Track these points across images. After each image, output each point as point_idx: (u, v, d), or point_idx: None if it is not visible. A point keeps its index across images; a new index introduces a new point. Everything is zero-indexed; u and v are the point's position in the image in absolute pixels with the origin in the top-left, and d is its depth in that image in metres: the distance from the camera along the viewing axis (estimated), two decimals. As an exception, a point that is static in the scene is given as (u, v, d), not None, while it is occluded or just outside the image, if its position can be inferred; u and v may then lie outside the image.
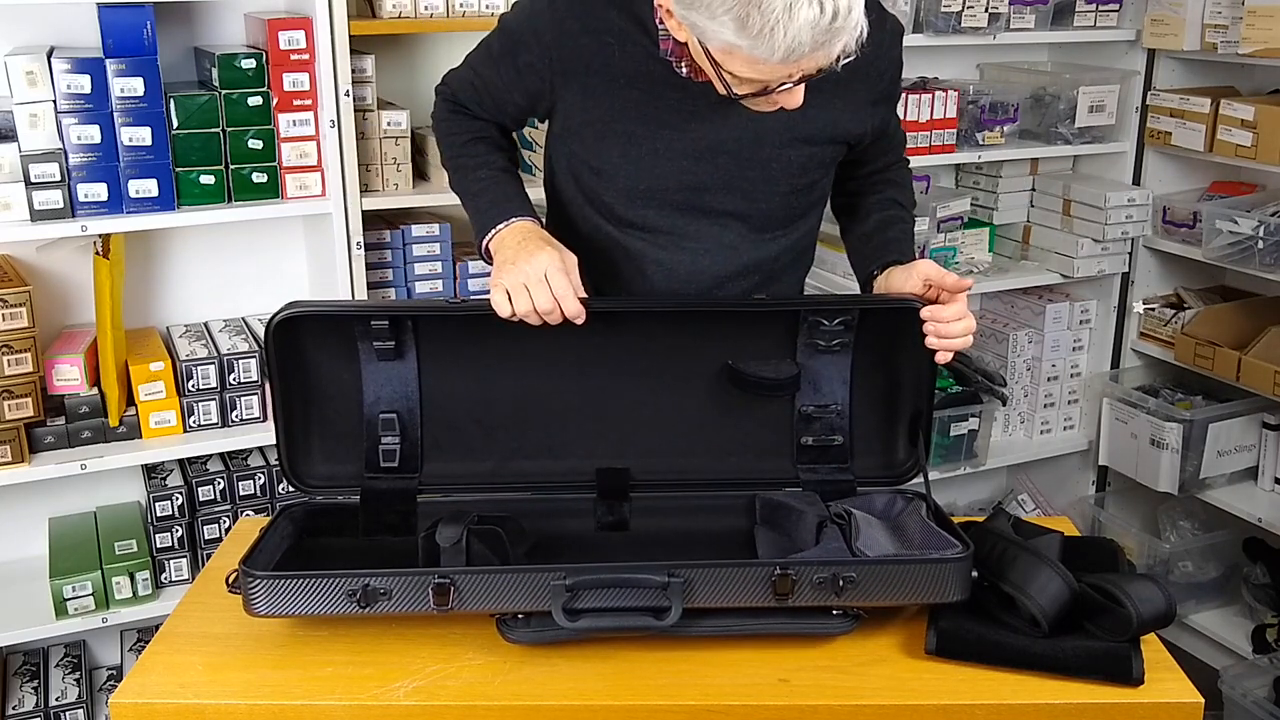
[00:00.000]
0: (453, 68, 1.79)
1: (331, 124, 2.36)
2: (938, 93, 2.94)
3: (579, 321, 1.54)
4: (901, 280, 1.64)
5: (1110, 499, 3.43)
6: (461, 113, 1.77)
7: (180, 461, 2.59)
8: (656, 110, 1.60)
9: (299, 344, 1.64)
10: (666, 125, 1.62)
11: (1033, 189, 3.32)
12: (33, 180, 2.21)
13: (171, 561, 2.52)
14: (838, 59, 1.40)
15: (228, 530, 2.41)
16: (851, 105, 1.68)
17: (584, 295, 1.55)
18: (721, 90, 1.47)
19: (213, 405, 2.47)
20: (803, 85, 1.45)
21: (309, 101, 2.37)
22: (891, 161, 1.85)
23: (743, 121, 1.62)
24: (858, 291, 1.80)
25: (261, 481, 2.58)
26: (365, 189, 2.47)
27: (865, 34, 1.39)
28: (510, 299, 1.52)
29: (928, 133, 2.95)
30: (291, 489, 1.75)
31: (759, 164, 1.67)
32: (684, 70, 1.59)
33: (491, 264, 1.61)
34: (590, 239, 1.73)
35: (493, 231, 1.63)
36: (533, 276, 1.52)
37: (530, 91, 1.68)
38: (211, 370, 2.45)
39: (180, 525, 2.51)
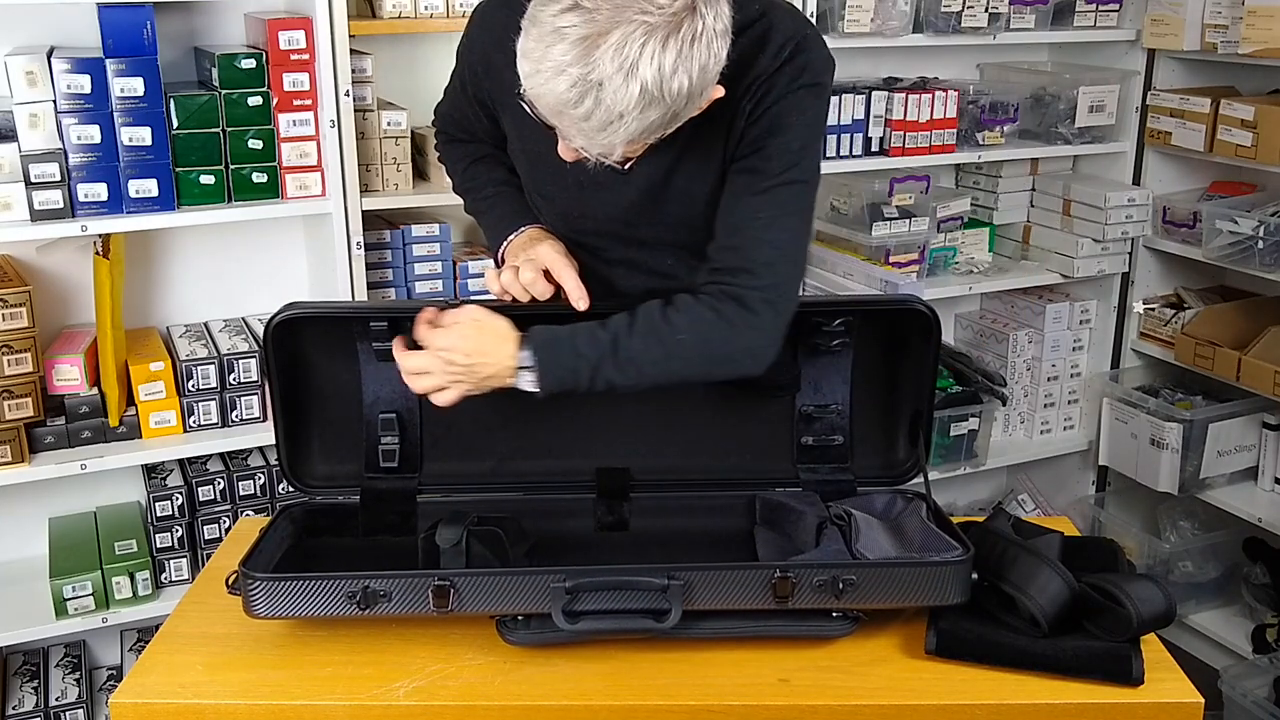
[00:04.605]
0: (439, 101, 1.81)
1: (331, 124, 2.36)
2: (938, 93, 2.94)
3: (580, 302, 1.55)
4: None
5: (1110, 499, 3.43)
6: (455, 141, 1.79)
7: (180, 461, 2.59)
8: None
9: (298, 345, 1.64)
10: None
11: (1033, 189, 3.32)
12: (33, 180, 2.21)
13: (171, 561, 2.52)
14: (625, 157, 1.39)
15: (228, 530, 2.41)
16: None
17: (583, 295, 1.56)
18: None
19: (213, 405, 2.47)
20: (568, 144, 1.40)
21: (309, 101, 2.37)
22: (714, 270, 1.50)
23: (653, 158, 1.53)
24: (858, 292, 1.80)
25: (261, 481, 2.58)
26: (365, 189, 2.47)
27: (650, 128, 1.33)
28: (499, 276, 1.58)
29: (928, 133, 2.95)
30: (291, 489, 1.75)
31: (674, 198, 1.57)
32: None
33: None
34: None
35: (505, 244, 1.67)
36: (522, 258, 1.58)
37: (490, 117, 1.68)
38: (211, 370, 2.45)
39: (180, 525, 2.51)
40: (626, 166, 1.49)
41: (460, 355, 1.48)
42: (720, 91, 1.38)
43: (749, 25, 1.43)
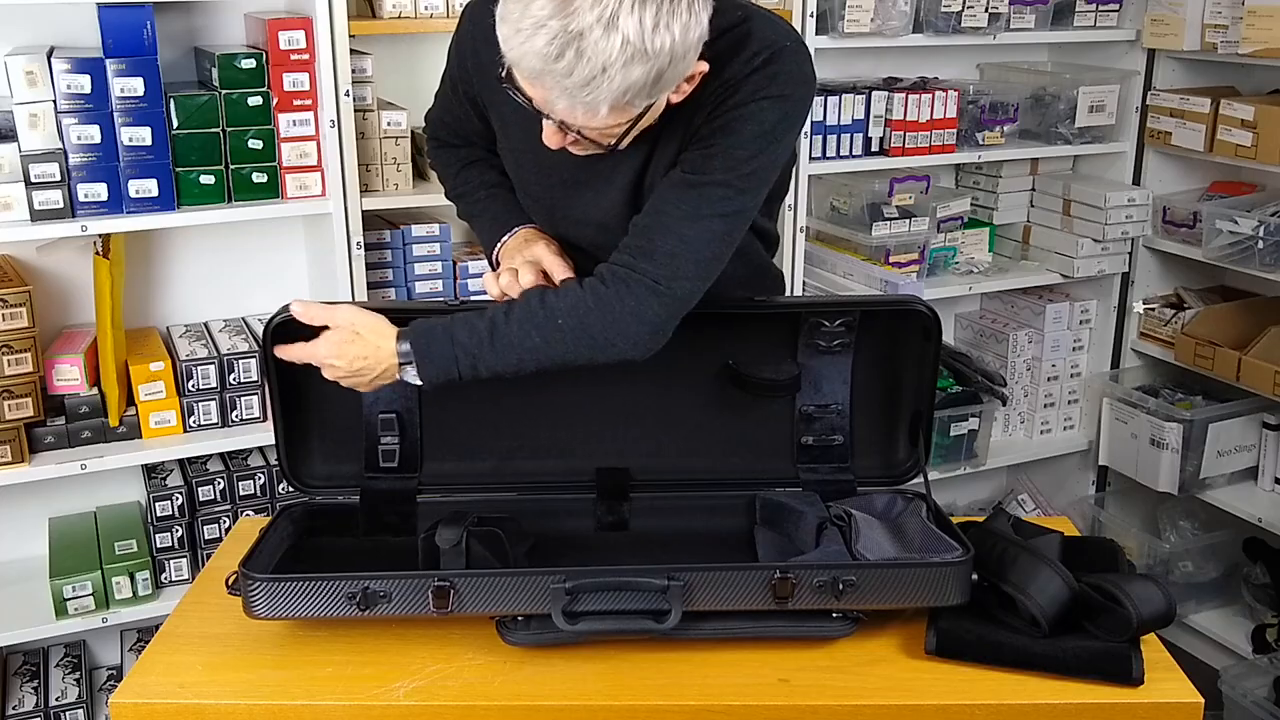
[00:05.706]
0: (430, 107, 1.81)
1: (331, 124, 2.36)
2: (938, 93, 2.94)
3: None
4: None
5: (1110, 499, 3.43)
6: (447, 146, 1.79)
7: (180, 461, 2.59)
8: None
9: (299, 345, 1.64)
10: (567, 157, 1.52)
11: (1033, 189, 3.32)
12: (33, 180, 2.21)
13: (171, 561, 2.52)
14: (613, 130, 1.37)
15: (228, 530, 2.41)
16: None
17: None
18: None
19: (213, 405, 2.47)
20: (553, 126, 1.38)
21: (309, 101, 2.37)
22: (621, 246, 1.48)
23: (631, 157, 1.53)
24: (858, 292, 1.80)
25: (261, 481, 2.58)
26: (365, 189, 2.47)
27: (636, 97, 1.31)
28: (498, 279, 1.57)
29: (928, 133, 2.95)
30: (291, 489, 1.75)
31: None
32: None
33: None
34: None
35: (499, 245, 1.67)
36: (519, 260, 1.58)
37: (481, 116, 1.68)
38: (211, 370, 2.45)
39: (180, 525, 2.51)
40: (612, 147, 1.43)
41: (342, 363, 1.49)
42: (704, 67, 1.37)
43: (728, 30, 1.42)
